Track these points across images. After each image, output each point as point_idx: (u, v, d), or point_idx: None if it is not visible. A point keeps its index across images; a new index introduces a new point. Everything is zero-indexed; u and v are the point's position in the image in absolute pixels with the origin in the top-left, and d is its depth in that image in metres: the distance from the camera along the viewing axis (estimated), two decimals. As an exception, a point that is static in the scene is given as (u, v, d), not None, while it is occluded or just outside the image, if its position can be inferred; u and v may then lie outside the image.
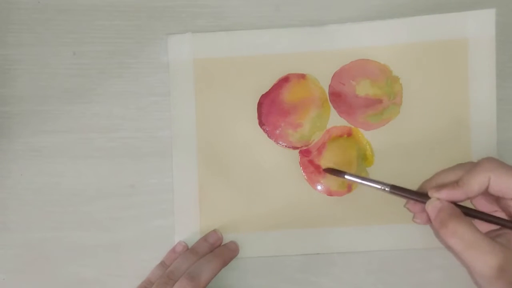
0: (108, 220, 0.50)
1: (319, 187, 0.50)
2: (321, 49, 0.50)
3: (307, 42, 0.50)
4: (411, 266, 0.50)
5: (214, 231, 0.49)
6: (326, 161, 0.50)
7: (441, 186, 0.43)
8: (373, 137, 0.50)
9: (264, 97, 0.50)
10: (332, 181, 0.50)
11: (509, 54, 0.50)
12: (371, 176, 0.49)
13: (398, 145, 0.49)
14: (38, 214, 0.50)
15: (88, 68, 0.51)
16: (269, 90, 0.50)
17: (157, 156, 0.50)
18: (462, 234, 0.40)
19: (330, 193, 0.50)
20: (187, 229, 0.50)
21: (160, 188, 0.50)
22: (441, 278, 0.50)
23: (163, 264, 0.49)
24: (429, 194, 0.43)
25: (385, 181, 0.49)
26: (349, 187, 0.50)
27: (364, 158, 0.50)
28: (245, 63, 0.50)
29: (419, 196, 0.45)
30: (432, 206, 0.43)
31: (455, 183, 0.42)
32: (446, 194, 0.42)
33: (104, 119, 0.51)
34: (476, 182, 0.41)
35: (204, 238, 0.49)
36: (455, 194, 0.42)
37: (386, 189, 0.46)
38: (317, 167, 0.50)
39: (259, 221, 0.50)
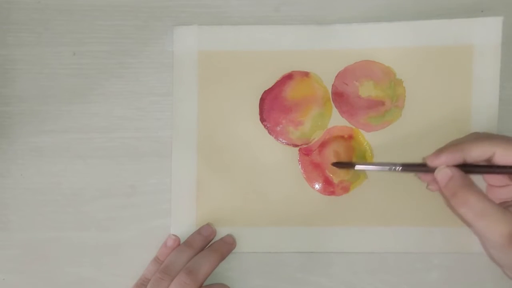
0: (108, 220, 0.50)
1: (316, 186, 0.50)
2: (326, 48, 0.50)
3: (312, 40, 0.50)
4: (411, 266, 0.50)
5: (208, 224, 0.49)
6: (325, 160, 0.50)
7: (440, 150, 0.43)
8: (373, 139, 0.50)
9: (266, 93, 0.50)
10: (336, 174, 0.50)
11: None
12: (370, 180, 0.50)
13: (398, 148, 0.49)
14: (38, 214, 0.50)
15: (88, 68, 0.50)
16: (272, 86, 0.50)
17: (157, 156, 0.50)
18: (472, 203, 0.40)
19: (327, 192, 0.50)
20: (183, 224, 0.50)
21: (160, 188, 0.50)
22: (441, 278, 0.50)
23: (157, 260, 0.49)
24: (428, 161, 0.43)
25: (384, 185, 0.49)
26: (347, 187, 0.50)
27: (363, 159, 0.50)
28: (249, 58, 0.50)
29: (428, 168, 0.44)
30: (441, 174, 0.43)
31: (455, 146, 0.42)
32: (445, 158, 0.42)
33: (104, 119, 0.51)
34: (477, 150, 0.41)
35: (198, 232, 0.49)
36: (454, 157, 0.42)
37: (398, 168, 0.46)
38: (316, 165, 0.50)
39: (256, 217, 0.50)
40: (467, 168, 0.43)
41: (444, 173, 0.43)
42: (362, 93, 0.50)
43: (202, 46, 0.50)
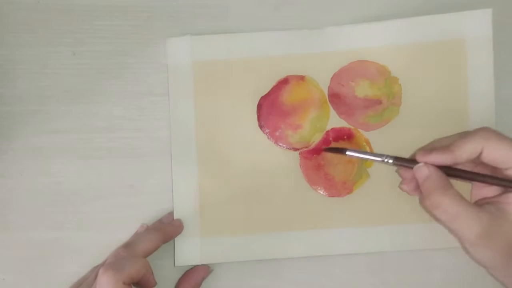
0: (108, 220, 0.50)
1: (320, 188, 0.50)
2: (320, 51, 0.50)
3: (305, 44, 0.50)
4: (411, 266, 0.50)
5: (170, 213, 0.50)
6: (326, 162, 0.50)
7: (431, 149, 0.42)
8: (373, 138, 0.50)
9: (263, 99, 0.50)
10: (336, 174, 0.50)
11: (507, 53, 0.50)
12: (372, 179, 0.50)
13: (398, 146, 0.49)
14: (38, 214, 0.50)
15: (88, 68, 0.50)
16: (269, 92, 0.50)
17: (157, 156, 0.50)
18: (445, 206, 0.40)
19: (331, 194, 0.50)
20: (186, 230, 0.50)
21: (160, 188, 0.50)
22: (441, 278, 0.50)
23: None
24: (417, 157, 0.42)
25: (387, 182, 0.49)
26: (350, 188, 0.50)
27: (364, 158, 0.50)
28: (244, 65, 0.50)
29: (411, 162, 0.42)
30: (418, 172, 0.42)
31: (446, 147, 0.41)
32: (434, 158, 0.41)
33: (104, 119, 0.50)
34: (468, 148, 0.40)
35: (159, 220, 0.50)
36: (444, 158, 0.41)
37: (389, 161, 0.43)
38: (318, 168, 0.50)
39: (259, 223, 0.50)
40: (451, 171, 0.42)
41: (420, 172, 0.42)
42: (359, 93, 0.50)
43: (196, 57, 0.50)
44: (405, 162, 0.43)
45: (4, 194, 0.50)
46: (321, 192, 0.50)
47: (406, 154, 0.48)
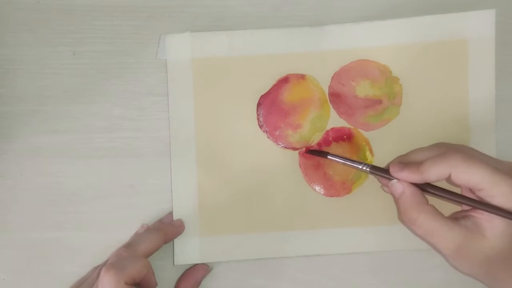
0: (108, 220, 0.50)
1: (319, 188, 0.50)
2: (321, 50, 0.50)
3: (306, 42, 0.50)
4: (411, 266, 0.50)
5: (170, 213, 0.50)
6: (325, 161, 0.50)
7: (405, 165, 0.44)
8: (373, 138, 0.50)
9: (263, 97, 0.50)
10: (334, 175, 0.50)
11: (509, 54, 0.50)
12: (371, 179, 0.50)
13: (398, 146, 0.49)
14: (38, 214, 0.50)
15: (88, 68, 0.50)
16: (269, 90, 0.50)
17: (157, 156, 0.50)
18: (420, 223, 0.42)
19: (330, 194, 0.50)
20: (186, 230, 0.50)
21: (160, 188, 0.50)
22: (441, 278, 0.50)
23: None
24: (390, 172, 0.44)
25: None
26: (349, 188, 0.50)
27: (364, 158, 0.50)
28: (244, 63, 0.50)
29: (387, 173, 0.45)
30: (393, 188, 0.44)
31: (416, 167, 0.43)
32: (405, 176, 0.43)
33: (104, 119, 0.50)
34: (435, 172, 0.42)
35: (160, 220, 0.50)
36: (414, 177, 0.43)
37: (367, 169, 0.46)
38: (317, 168, 0.50)
39: (259, 223, 0.50)
40: (425, 186, 0.43)
41: (395, 188, 0.44)
42: (359, 93, 0.50)
43: (196, 54, 0.50)
44: (381, 172, 0.45)
45: (4, 194, 0.50)
46: (320, 192, 0.50)
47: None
